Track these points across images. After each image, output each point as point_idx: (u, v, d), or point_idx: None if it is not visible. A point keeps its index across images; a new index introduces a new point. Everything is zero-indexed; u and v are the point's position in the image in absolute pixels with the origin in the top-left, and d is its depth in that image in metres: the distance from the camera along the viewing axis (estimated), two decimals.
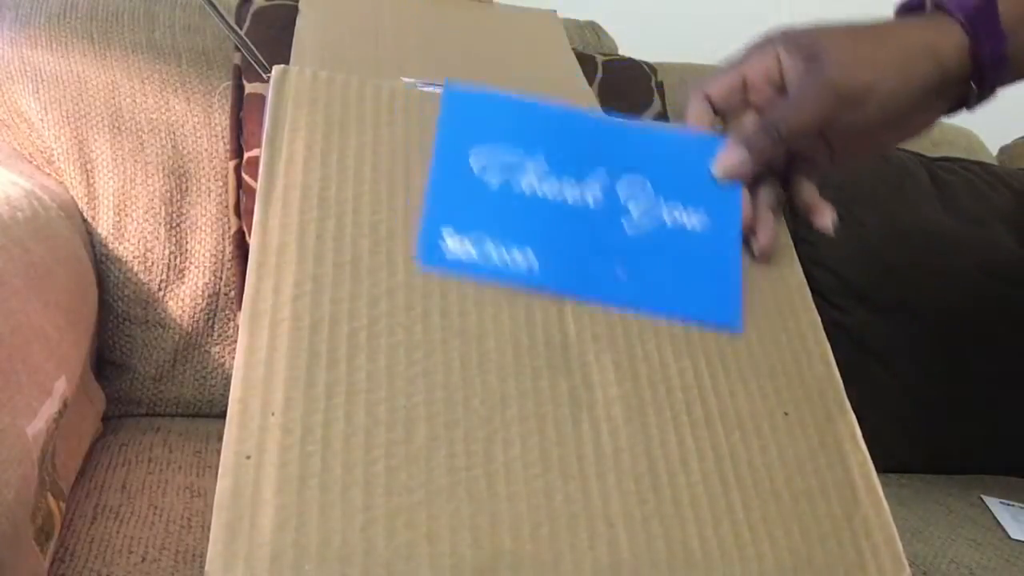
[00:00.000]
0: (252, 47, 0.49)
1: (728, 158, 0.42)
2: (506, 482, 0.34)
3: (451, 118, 0.40)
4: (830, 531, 0.37)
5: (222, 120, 0.70)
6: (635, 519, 0.35)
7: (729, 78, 0.44)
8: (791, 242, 0.46)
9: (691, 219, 0.41)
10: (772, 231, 0.43)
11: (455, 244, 0.38)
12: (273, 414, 0.33)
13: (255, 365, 0.33)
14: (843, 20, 0.44)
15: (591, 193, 0.40)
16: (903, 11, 0.46)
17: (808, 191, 0.45)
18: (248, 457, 0.32)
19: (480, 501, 0.33)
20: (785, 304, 0.43)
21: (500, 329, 0.38)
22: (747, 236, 0.43)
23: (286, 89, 0.40)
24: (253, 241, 0.36)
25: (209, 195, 0.69)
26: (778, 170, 0.45)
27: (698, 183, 0.42)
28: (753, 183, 0.44)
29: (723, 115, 0.45)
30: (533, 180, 0.40)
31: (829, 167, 0.46)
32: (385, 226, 0.38)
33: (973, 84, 0.44)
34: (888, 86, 0.41)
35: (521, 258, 0.38)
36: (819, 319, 0.44)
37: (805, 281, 0.44)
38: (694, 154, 0.43)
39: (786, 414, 0.40)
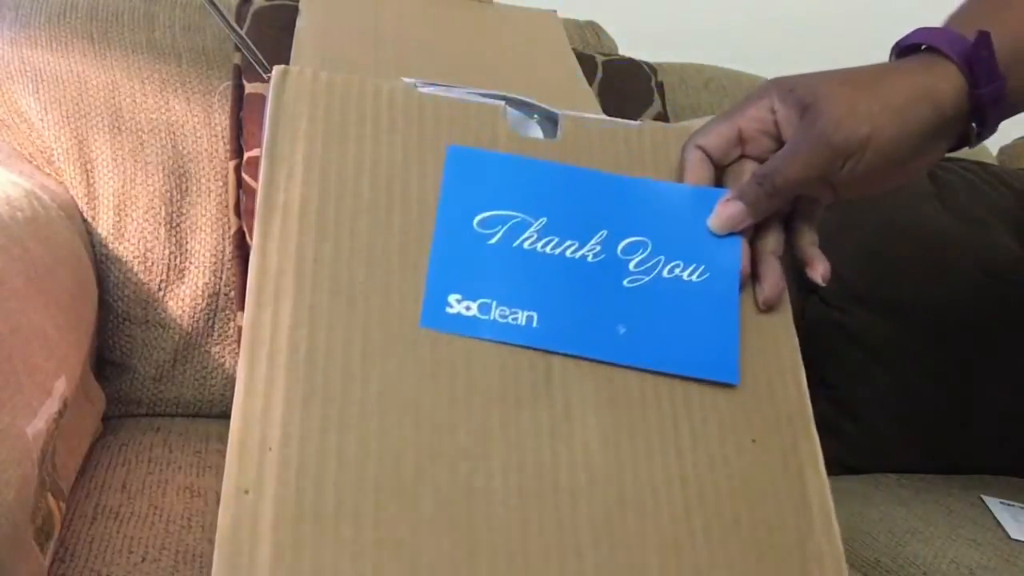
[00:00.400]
0: (252, 47, 0.49)
1: (724, 211, 0.42)
2: (486, 514, 0.36)
3: (455, 179, 0.41)
4: (783, 558, 0.39)
5: (222, 120, 0.70)
6: (602, 549, 0.36)
7: (724, 129, 0.44)
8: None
9: (691, 274, 0.42)
10: (776, 279, 0.43)
11: (461, 309, 0.38)
12: (271, 449, 0.34)
13: (254, 398, 0.35)
14: (840, 67, 0.44)
15: (593, 254, 0.41)
16: (899, 52, 0.45)
17: (807, 239, 0.45)
18: (247, 492, 0.33)
19: (461, 533, 0.35)
20: (765, 324, 0.43)
21: (488, 356, 0.38)
22: (751, 283, 0.43)
23: (286, 89, 0.40)
24: (252, 265, 0.37)
25: (209, 195, 0.69)
26: (782, 213, 0.45)
27: (698, 237, 0.43)
28: (757, 228, 0.44)
29: (720, 167, 0.44)
30: (536, 244, 0.40)
31: (832, 204, 0.46)
32: (381, 249, 0.39)
33: (974, 124, 0.43)
34: (885, 136, 0.41)
35: (524, 320, 0.39)
36: (797, 341, 0.44)
37: (788, 301, 0.45)
38: (694, 208, 0.43)
39: (753, 441, 0.41)
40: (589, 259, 0.41)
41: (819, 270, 0.44)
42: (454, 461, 0.36)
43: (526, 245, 0.40)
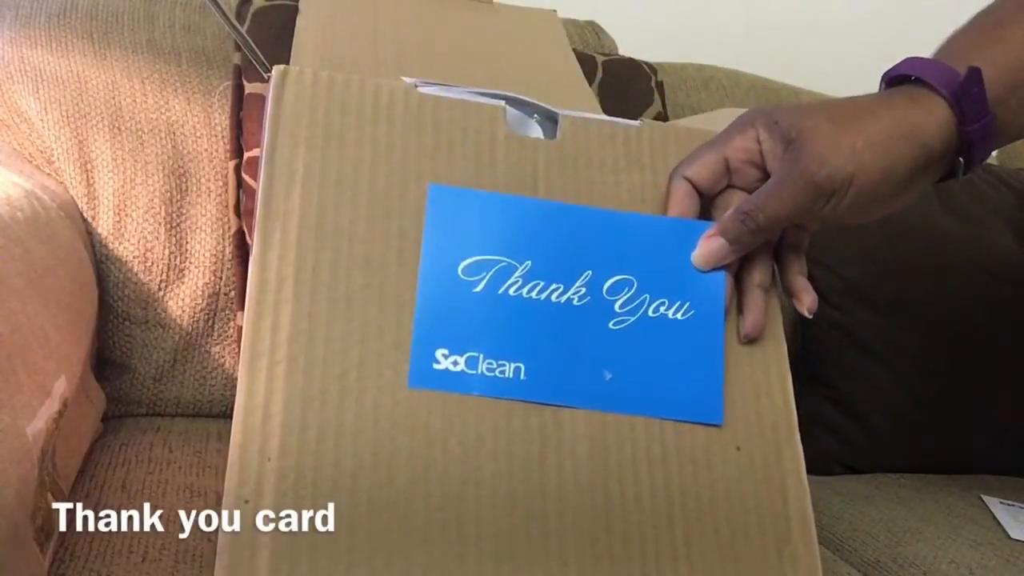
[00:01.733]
0: (253, 46, 0.49)
1: (707, 248, 0.42)
2: (476, 523, 0.36)
3: (437, 221, 0.40)
4: (761, 565, 0.40)
5: (222, 120, 0.70)
6: (587, 557, 0.37)
7: (711, 160, 0.43)
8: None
9: (676, 312, 0.42)
10: (759, 312, 0.43)
11: (448, 365, 0.38)
12: (269, 459, 0.35)
13: (254, 409, 0.35)
14: (824, 100, 0.43)
15: (578, 296, 0.41)
16: (887, 82, 0.45)
17: (794, 268, 0.45)
18: (246, 502, 0.34)
19: (451, 542, 0.36)
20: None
21: None
22: (734, 312, 0.44)
23: (286, 89, 0.40)
24: (251, 274, 0.37)
25: (209, 195, 0.69)
26: (771, 243, 0.44)
27: (682, 273, 0.42)
28: (744, 259, 0.44)
29: (707, 196, 0.44)
30: (522, 290, 0.40)
31: (818, 230, 0.46)
32: (378, 258, 0.39)
33: (961, 159, 0.43)
34: (869, 175, 0.40)
35: (512, 372, 0.39)
36: (785, 347, 0.44)
37: (778, 306, 0.45)
38: (678, 242, 0.43)
39: (738, 448, 0.41)
40: (575, 302, 0.41)
41: (806, 302, 0.44)
42: (446, 471, 0.37)
43: (511, 291, 0.40)
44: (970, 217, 0.88)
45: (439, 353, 0.38)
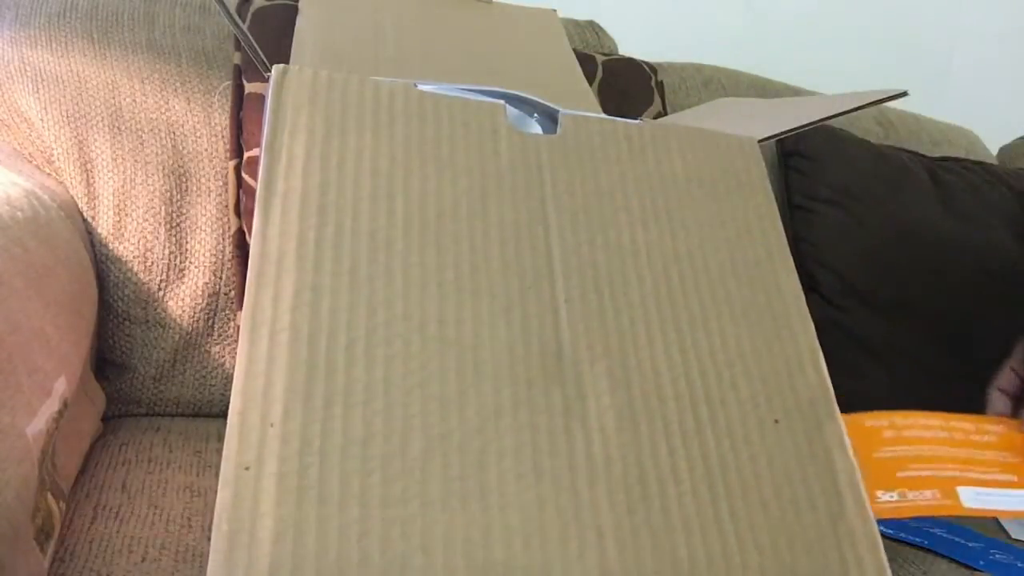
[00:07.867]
0: (255, 45, 0.49)
1: None
2: (499, 493, 0.35)
3: None
4: (815, 540, 0.38)
5: (222, 120, 0.70)
6: (624, 529, 0.35)
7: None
8: (788, 249, 0.46)
9: None
10: None
11: None
12: (272, 425, 0.33)
13: (254, 376, 0.34)
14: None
15: None
16: None
17: None
18: (247, 468, 0.32)
19: (473, 512, 0.34)
20: (780, 311, 0.43)
21: (496, 338, 0.38)
22: None
23: (286, 89, 0.40)
24: (252, 249, 0.36)
25: (209, 195, 0.69)
26: None
27: None
28: None
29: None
30: None
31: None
32: (383, 234, 0.38)
33: None
34: None
35: None
36: (813, 326, 0.44)
37: (800, 287, 0.44)
38: None
39: (776, 422, 0.40)
40: None
41: None
42: (464, 439, 0.35)
43: None
44: (970, 217, 0.88)
45: None
